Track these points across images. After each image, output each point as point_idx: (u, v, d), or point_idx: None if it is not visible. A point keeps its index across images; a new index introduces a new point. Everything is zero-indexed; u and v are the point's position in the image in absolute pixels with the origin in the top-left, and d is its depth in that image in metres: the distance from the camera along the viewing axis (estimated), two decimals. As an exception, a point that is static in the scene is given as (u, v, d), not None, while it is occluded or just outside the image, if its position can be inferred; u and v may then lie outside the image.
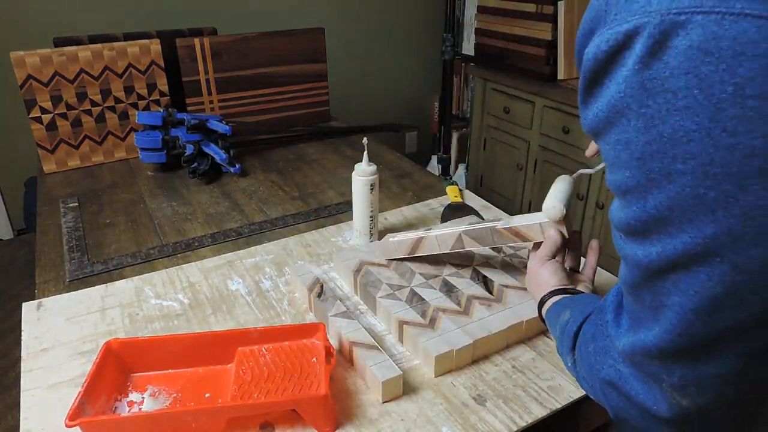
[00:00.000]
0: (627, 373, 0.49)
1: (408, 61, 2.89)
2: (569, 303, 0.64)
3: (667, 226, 0.39)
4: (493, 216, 1.12)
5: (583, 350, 0.56)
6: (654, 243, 0.41)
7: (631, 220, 0.42)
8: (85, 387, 0.62)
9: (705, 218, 0.37)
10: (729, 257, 0.37)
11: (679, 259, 0.39)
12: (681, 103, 0.36)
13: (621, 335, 0.48)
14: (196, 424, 0.62)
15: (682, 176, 0.37)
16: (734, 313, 0.38)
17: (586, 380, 0.56)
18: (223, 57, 1.50)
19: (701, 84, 0.35)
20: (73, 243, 1.05)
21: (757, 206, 0.35)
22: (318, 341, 0.72)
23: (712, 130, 0.35)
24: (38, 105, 1.33)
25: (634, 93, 0.38)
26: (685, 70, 0.35)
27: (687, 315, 0.40)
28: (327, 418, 0.63)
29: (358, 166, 0.95)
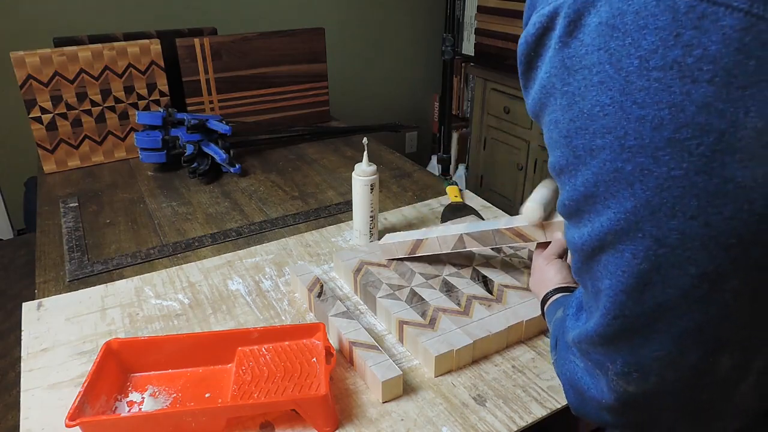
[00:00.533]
0: (581, 368, 0.49)
1: (408, 61, 2.89)
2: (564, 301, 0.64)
3: (595, 203, 0.40)
4: (493, 216, 1.12)
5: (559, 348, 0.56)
6: (585, 223, 0.41)
7: (566, 200, 0.43)
8: (85, 387, 0.62)
9: (624, 192, 0.37)
10: (649, 231, 0.37)
11: (606, 237, 0.39)
12: (596, 78, 0.37)
13: (575, 327, 0.49)
14: (196, 424, 0.62)
15: (601, 151, 0.38)
16: (662, 289, 0.38)
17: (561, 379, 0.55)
18: (223, 57, 1.50)
19: (611, 59, 0.36)
20: (73, 243, 1.05)
21: (669, 177, 0.35)
22: (318, 341, 0.72)
23: (623, 103, 0.36)
24: (38, 105, 1.33)
25: (557, 72, 0.40)
26: (597, 46, 0.36)
27: (618, 296, 0.40)
28: (327, 418, 0.63)
29: (358, 166, 0.95)
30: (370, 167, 0.94)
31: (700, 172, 0.34)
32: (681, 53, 0.33)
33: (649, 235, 0.37)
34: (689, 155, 0.34)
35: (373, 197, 0.96)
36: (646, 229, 0.37)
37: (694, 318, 0.39)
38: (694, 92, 0.33)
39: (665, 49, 0.34)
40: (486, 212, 1.12)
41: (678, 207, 0.36)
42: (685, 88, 0.34)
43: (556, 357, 0.56)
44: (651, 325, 0.40)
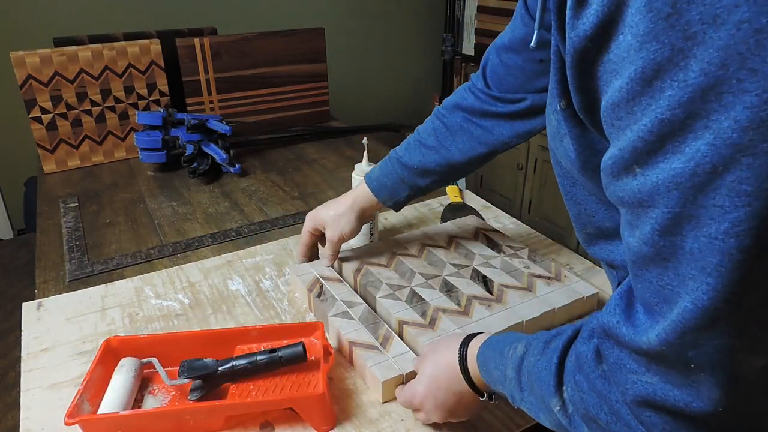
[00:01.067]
0: (659, 383, 0.37)
1: (408, 61, 2.89)
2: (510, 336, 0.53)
3: (721, 94, 0.29)
4: (493, 216, 1.12)
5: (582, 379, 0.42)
6: (701, 133, 0.31)
7: (666, 113, 0.31)
8: (84, 385, 0.62)
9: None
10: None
11: (742, 139, 0.29)
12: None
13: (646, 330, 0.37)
14: (194, 422, 0.62)
15: (734, 10, 0.28)
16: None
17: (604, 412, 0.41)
18: (223, 57, 1.51)
19: None
20: (73, 243, 1.05)
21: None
22: (316, 340, 0.72)
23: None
24: (38, 105, 1.33)
25: None
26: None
27: (767, 220, 0.30)
28: (324, 416, 0.63)
29: (357, 166, 0.95)
30: (370, 167, 0.94)
31: None
32: None
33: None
34: None
35: None
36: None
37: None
38: None
39: None
40: (486, 212, 1.12)
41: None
42: None
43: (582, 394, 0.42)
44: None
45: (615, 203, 0.39)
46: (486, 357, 0.54)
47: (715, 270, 0.32)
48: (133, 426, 0.61)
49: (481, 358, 0.55)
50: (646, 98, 0.33)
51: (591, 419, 0.42)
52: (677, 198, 0.32)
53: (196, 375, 0.64)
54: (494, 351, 0.53)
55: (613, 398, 0.40)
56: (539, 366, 0.47)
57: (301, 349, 0.66)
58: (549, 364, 0.46)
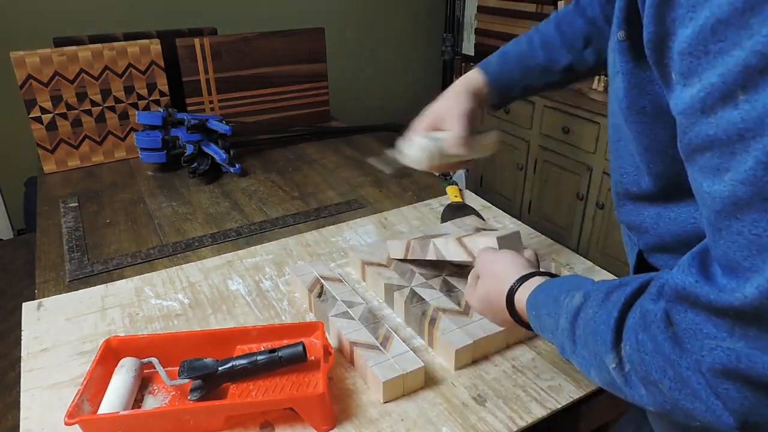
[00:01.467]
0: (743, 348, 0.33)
1: (408, 61, 2.89)
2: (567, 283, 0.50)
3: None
4: (493, 216, 1.12)
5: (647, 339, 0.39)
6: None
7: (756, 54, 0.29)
8: (84, 385, 0.62)
9: None
10: None
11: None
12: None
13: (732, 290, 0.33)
14: (194, 422, 0.62)
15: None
16: None
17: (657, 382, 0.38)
18: (223, 57, 1.50)
19: None
20: (73, 243, 1.05)
21: None
22: (316, 340, 0.72)
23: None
24: (38, 105, 1.33)
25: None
26: None
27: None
28: (325, 416, 0.63)
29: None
30: None
31: None
32: None
33: None
34: None
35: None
36: None
37: None
38: None
39: None
40: (486, 212, 1.13)
41: None
42: None
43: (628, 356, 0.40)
44: None
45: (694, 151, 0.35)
46: (537, 302, 0.52)
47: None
48: (133, 426, 0.61)
49: (532, 302, 0.52)
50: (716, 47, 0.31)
51: (651, 382, 0.39)
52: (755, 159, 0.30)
53: (196, 375, 0.64)
54: (548, 297, 0.50)
55: (684, 364, 0.36)
56: (597, 319, 0.43)
57: (301, 349, 0.66)
58: (608, 318, 0.42)
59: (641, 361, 0.39)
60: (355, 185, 1.29)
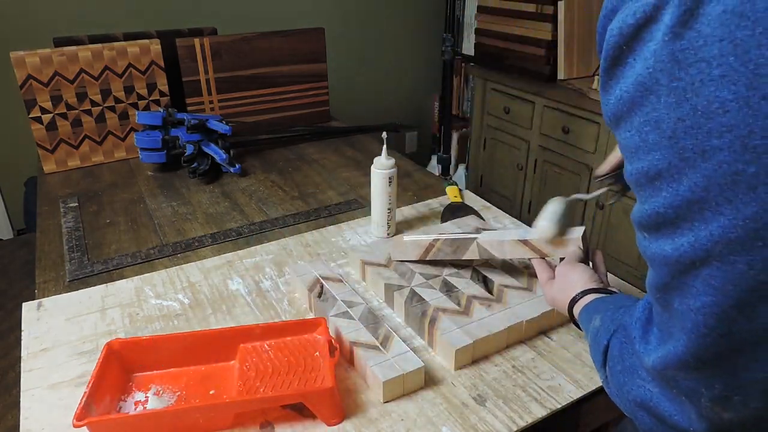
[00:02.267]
0: (657, 393, 0.45)
1: (408, 61, 2.89)
2: (600, 306, 0.60)
3: (703, 210, 0.36)
4: (493, 216, 1.12)
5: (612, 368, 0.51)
6: (685, 232, 0.37)
7: (660, 208, 0.38)
8: (90, 387, 0.62)
9: (745, 197, 0.34)
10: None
11: (714, 248, 0.35)
12: (716, 72, 0.33)
13: (650, 351, 0.44)
14: (204, 420, 0.62)
15: (718, 152, 0.34)
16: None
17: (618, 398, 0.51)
18: (223, 57, 1.50)
19: (737, 50, 0.32)
20: (73, 243, 1.05)
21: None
22: (320, 336, 0.72)
23: (750, 98, 0.32)
24: (38, 105, 1.33)
25: (664, 67, 0.36)
26: (719, 36, 0.33)
27: (726, 313, 0.36)
28: (334, 409, 0.64)
29: (377, 159, 0.96)
30: (389, 161, 0.96)
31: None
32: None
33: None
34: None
35: (391, 190, 0.97)
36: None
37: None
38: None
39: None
40: (486, 212, 1.13)
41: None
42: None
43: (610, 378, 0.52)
44: (760, 343, 0.37)
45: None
46: (582, 319, 0.63)
47: (689, 332, 0.39)
48: (142, 426, 0.61)
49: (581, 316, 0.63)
50: (648, 191, 0.40)
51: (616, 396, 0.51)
52: (667, 272, 0.40)
53: None
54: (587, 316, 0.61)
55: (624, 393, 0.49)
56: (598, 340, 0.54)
57: None
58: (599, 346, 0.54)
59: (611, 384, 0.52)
60: (355, 185, 1.29)
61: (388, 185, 0.96)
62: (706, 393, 0.40)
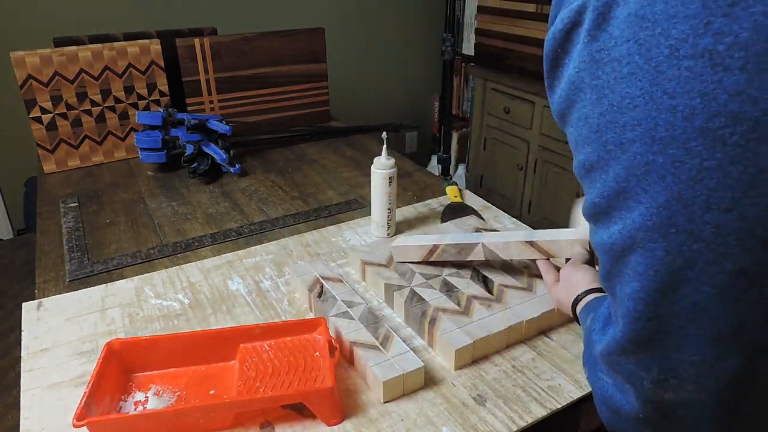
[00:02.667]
0: (611, 385, 0.47)
1: (408, 61, 2.89)
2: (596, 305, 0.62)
3: (626, 198, 0.39)
4: (493, 216, 1.12)
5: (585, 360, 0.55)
6: (616, 221, 0.40)
7: (596, 198, 0.41)
8: (90, 387, 0.62)
9: (656, 186, 0.36)
10: (683, 225, 0.36)
11: (637, 234, 0.38)
12: (625, 70, 0.37)
13: (601, 340, 0.47)
14: (204, 420, 0.62)
15: (632, 144, 0.37)
16: (697, 287, 0.37)
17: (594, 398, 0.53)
18: (223, 57, 1.50)
19: (641, 49, 0.36)
20: (73, 243, 1.05)
21: (703, 168, 0.34)
22: (319, 336, 0.72)
23: (654, 93, 0.35)
24: (38, 105, 1.33)
25: (586, 66, 0.40)
26: (626, 37, 0.36)
27: (651, 296, 0.39)
28: (334, 409, 0.64)
29: (377, 159, 0.97)
30: (389, 160, 0.96)
31: (734, 162, 0.33)
32: (712, 41, 0.33)
33: (682, 229, 0.36)
34: (723, 145, 0.33)
35: (391, 190, 0.98)
36: (680, 223, 0.36)
37: (730, 320, 0.37)
38: (726, 80, 0.33)
39: (696, 38, 0.33)
40: (486, 212, 1.12)
41: (712, 199, 0.34)
42: (716, 76, 0.33)
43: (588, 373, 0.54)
44: (685, 327, 0.38)
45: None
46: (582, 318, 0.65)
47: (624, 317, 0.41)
48: (142, 426, 0.61)
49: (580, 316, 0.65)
50: (587, 182, 0.43)
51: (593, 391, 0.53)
52: (606, 260, 0.43)
53: None
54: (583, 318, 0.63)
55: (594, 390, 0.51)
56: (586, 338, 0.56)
57: None
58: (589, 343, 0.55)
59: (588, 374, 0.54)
60: (355, 185, 1.29)
61: (388, 185, 0.96)
62: (645, 376, 0.42)
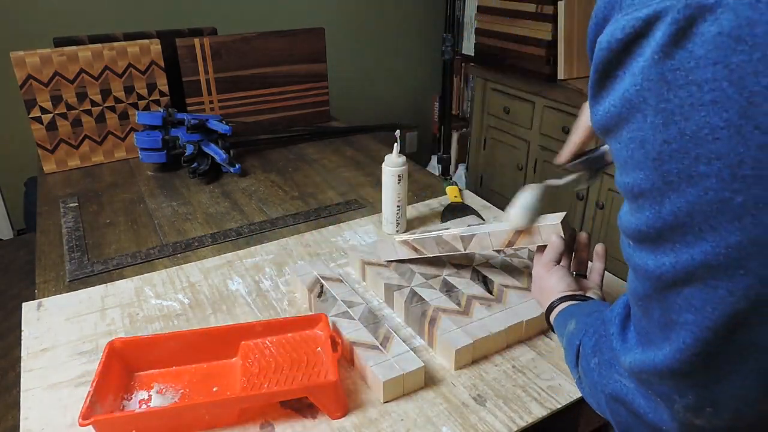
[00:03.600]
0: (633, 389, 0.45)
1: (408, 61, 2.89)
2: (575, 311, 0.62)
3: (685, 234, 0.35)
4: (493, 216, 1.12)
5: (585, 365, 0.53)
6: (668, 252, 0.37)
7: (642, 226, 0.38)
8: (94, 386, 0.62)
9: (730, 225, 0.33)
10: (755, 269, 0.33)
11: (696, 271, 0.36)
12: (707, 97, 0.32)
13: (627, 351, 0.45)
14: (209, 417, 0.62)
15: (705, 179, 0.33)
16: (759, 329, 0.35)
17: (591, 395, 0.52)
18: (223, 57, 1.50)
19: (732, 76, 0.31)
20: (73, 243, 1.05)
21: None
22: (320, 332, 0.73)
23: (743, 127, 0.31)
24: (38, 105, 1.33)
25: (652, 86, 0.35)
26: (713, 60, 0.32)
27: (704, 333, 0.36)
28: (338, 403, 0.65)
29: (388, 157, 0.98)
30: (400, 158, 0.98)
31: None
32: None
33: (753, 273, 0.33)
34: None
35: (401, 188, 0.99)
36: (751, 266, 0.33)
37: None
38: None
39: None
40: (486, 212, 1.12)
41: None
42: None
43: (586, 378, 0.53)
44: (737, 363, 0.37)
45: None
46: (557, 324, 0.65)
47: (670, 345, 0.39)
48: (148, 424, 0.61)
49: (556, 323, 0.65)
50: (633, 206, 0.40)
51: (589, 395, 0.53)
52: (649, 286, 0.40)
53: None
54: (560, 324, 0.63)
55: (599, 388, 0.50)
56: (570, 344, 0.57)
57: None
58: (572, 347, 0.56)
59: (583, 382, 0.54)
60: (355, 185, 1.29)
61: (397, 183, 0.98)
62: (679, 400, 0.41)
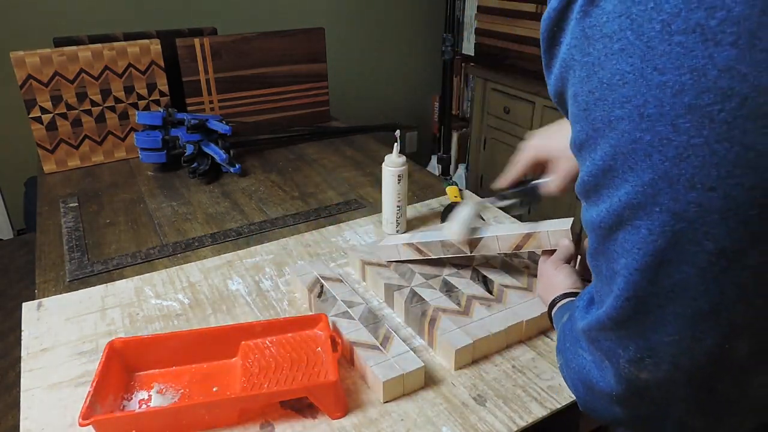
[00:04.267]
0: (589, 362, 0.48)
1: (408, 61, 2.89)
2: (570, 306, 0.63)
3: (614, 177, 0.38)
4: (493, 216, 1.12)
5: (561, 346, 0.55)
6: (603, 199, 0.40)
7: (585, 176, 0.41)
8: (94, 386, 0.62)
9: (643, 164, 0.36)
10: (667, 204, 0.35)
11: (623, 213, 0.38)
12: (616, 46, 0.36)
13: (584, 317, 0.48)
14: (209, 417, 0.62)
15: (620, 122, 0.37)
16: (678, 268, 0.37)
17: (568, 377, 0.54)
18: (223, 57, 1.50)
19: (633, 24, 0.35)
20: (73, 243, 1.05)
21: (689, 146, 0.34)
22: (320, 332, 0.73)
23: (644, 70, 0.35)
24: (38, 105, 1.33)
25: (577, 43, 0.39)
26: (618, 12, 0.36)
27: (633, 276, 0.39)
28: (338, 403, 0.65)
29: (388, 157, 0.98)
30: (400, 158, 0.97)
31: (720, 139, 0.33)
32: (704, 15, 0.32)
33: (666, 209, 0.36)
34: (710, 122, 0.33)
35: (401, 187, 0.99)
36: (664, 202, 0.36)
37: (710, 299, 0.37)
38: (717, 55, 0.32)
39: (688, 12, 0.33)
40: (486, 212, 1.13)
41: (697, 178, 0.34)
42: (707, 52, 0.32)
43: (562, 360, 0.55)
44: (665, 306, 0.38)
45: None
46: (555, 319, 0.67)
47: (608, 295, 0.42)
48: (148, 424, 0.61)
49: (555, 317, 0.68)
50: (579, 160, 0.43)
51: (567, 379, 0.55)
52: (594, 238, 0.43)
53: None
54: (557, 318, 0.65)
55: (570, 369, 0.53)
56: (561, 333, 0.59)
57: None
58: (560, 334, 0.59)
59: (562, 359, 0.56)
60: (355, 185, 1.29)
61: (397, 183, 0.98)
62: (623, 354, 0.43)
